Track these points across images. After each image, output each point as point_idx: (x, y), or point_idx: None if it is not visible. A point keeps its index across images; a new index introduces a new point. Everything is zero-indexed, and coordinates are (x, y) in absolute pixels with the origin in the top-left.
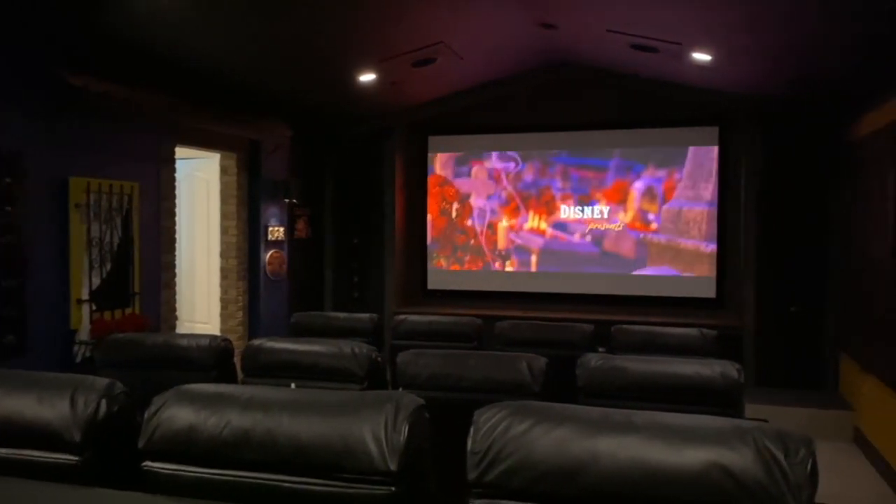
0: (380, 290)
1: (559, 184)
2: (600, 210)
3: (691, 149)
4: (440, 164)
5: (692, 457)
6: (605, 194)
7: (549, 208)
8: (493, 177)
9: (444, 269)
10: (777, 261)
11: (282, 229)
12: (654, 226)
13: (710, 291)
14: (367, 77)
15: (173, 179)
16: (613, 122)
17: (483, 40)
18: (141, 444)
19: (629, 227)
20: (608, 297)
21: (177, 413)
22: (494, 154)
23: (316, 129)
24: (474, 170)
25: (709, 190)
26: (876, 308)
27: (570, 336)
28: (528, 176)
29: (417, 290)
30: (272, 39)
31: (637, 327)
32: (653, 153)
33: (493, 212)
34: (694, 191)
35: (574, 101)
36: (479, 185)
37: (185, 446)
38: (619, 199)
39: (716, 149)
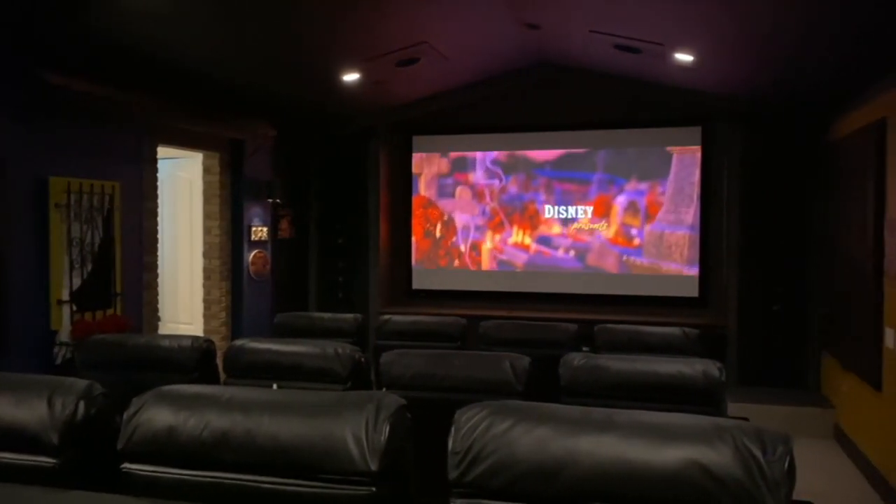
0: (364, 291)
1: (543, 197)
2: (584, 210)
3: (674, 160)
4: (424, 183)
5: (671, 455)
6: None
7: (532, 222)
8: (477, 193)
9: (429, 268)
10: (760, 260)
11: (265, 229)
12: (636, 241)
13: (693, 291)
14: (351, 77)
15: (155, 179)
16: (597, 122)
17: (467, 41)
18: (120, 445)
19: (612, 242)
20: (592, 297)
21: (156, 414)
22: (479, 170)
23: (300, 128)
24: (458, 189)
25: (690, 214)
26: (856, 307)
27: (554, 335)
28: (513, 188)
29: (402, 290)
30: (255, 39)
31: (620, 326)
32: (635, 164)
33: (477, 228)
34: (675, 214)
35: (558, 102)
36: (464, 204)
37: (165, 448)
38: (602, 213)
39: (698, 159)
